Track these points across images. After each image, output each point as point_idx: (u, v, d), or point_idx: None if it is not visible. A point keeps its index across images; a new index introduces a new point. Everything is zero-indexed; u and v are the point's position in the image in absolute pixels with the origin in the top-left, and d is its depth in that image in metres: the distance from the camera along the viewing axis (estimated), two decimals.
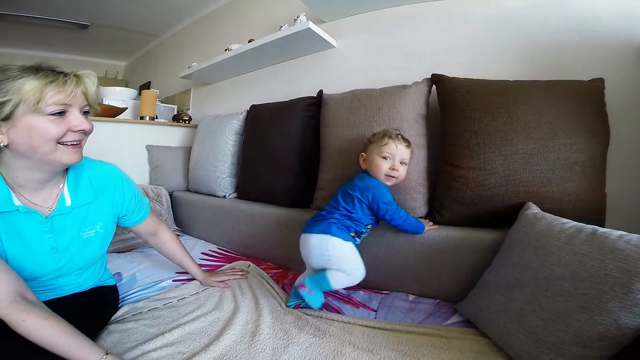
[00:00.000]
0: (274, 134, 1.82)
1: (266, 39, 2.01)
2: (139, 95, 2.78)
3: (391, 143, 1.20)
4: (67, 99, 0.81)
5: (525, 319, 0.85)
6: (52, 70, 0.82)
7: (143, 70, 4.33)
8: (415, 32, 1.74)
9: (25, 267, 0.88)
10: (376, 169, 1.20)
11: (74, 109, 0.84)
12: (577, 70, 1.27)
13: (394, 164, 1.19)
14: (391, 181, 1.21)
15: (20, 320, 0.72)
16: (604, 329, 0.70)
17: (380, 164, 1.20)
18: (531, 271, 0.88)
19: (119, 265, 1.50)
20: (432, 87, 1.42)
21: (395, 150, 1.19)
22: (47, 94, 0.77)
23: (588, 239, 0.80)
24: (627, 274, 0.70)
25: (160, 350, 0.91)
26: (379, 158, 1.20)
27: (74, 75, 0.84)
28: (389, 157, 1.19)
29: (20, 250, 0.88)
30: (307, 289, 1.11)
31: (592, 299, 0.73)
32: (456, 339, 0.97)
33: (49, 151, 0.81)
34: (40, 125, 0.78)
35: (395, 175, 1.20)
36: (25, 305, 0.75)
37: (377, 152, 1.21)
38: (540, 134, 1.12)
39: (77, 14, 3.35)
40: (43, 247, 0.92)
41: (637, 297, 0.68)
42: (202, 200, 2.15)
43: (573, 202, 1.10)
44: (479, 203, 1.19)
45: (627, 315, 0.69)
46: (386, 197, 1.18)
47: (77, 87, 0.83)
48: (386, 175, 1.20)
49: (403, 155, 1.21)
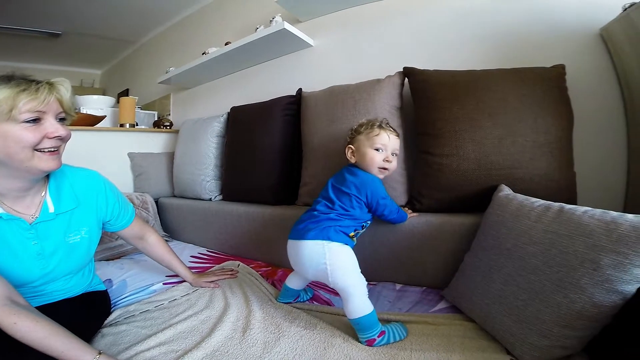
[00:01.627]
0: (255, 134, 1.83)
1: (243, 41, 2.03)
2: (117, 103, 2.75)
3: (383, 133, 1.14)
4: (40, 106, 0.81)
5: (505, 300, 0.87)
6: (24, 79, 0.83)
7: (120, 78, 4.27)
8: (388, 27, 1.78)
9: (13, 273, 0.89)
10: (370, 162, 1.14)
11: (49, 116, 0.85)
12: (540, 57, 1.32)
13: (387, 155, 1.14)
14: (384, 174, 1.16)
15: (12, 322, 0.73)
16: (581, 307, 0.72)
17: (374, 155, 1.13)
18: (506, 252, 0.91)
19: (109, 272, 1.51)
20: (404, 80, 1.47)
21: (387, 140, 1.14)
22: (20, 101, 0.78)
23: (556, 216, 0.83)
24: (593, 249, 0.72)
25: (153, 349, 0.92)
26: (371, 150, 1.14)
27: (46, 83, 0.85)
28: (382, 148, 1.13)
29: (7, 257, 0.88)
30: (376, 341, 0.91)
31: (565, 277, 0.75)
32: (443, 325, 0.99)
33: (26, 158, 0.82)
34: (15, 133, 0.79)
35: (388, 167, 1.14)
36: (17, 308, 0.76)
37: (368, 144, 1.15)
38: (507, 119, 1.17)
39: (48, 23, 3.29)
40: (29, 254, 0.92)
41: (606, 272, 0.69)
42: (188, 205, 2.16)
43: (543, 182, 1.15)
44: (455, 188, 1.23)
45: (600, 291, 0.70)
46: (383, 193, 1.14)
47: (50, 94, 0.84)
48: (379, 168, 1.14)
49: (395, 145, 1.16)
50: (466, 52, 1.55)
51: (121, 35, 3.66)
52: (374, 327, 0.92)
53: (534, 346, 0.77)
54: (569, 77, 1.24)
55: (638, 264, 0.67)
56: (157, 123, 2.82)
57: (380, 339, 0.90)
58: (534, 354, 0.77)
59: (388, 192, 1.35)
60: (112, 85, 4.49)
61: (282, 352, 0.90)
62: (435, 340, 0.91)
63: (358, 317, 0.91)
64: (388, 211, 1.15)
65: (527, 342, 0.78)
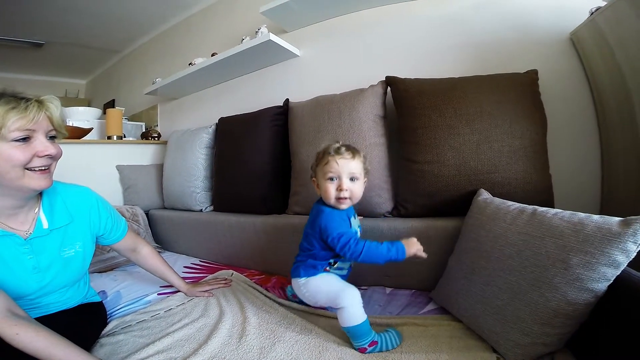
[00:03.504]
0: (244, 145, 1.86)
1: (229, 52, 2.06)
2: (104, 115, 2.72)
3: (331, 161, 1.06)
4: (29, 124, 0.82)
5: (487, 300, 0.91)
6: (14, 97, 0.83)
7: (106, 88, 4.23)
8: (371, 37, 1.83)
9: (9, 286, 0.89)
10: (324, 194, 1.07)
11: (39, 134, 0.85)
12: (515, 63, 1.38)
13: (340, 183, 1.05)
14: (345, 203, 1.06)
15: (14, 333, 0.75)
16: (556, 305, 0.75)
17: (327, 187, 1.06)
18: (485, 254, 0.95)
19: (103, 284, 1.52)
20: (387, 89, 1.51)
21: (337, 167, 1.05)
22: (9, 120, 0.78)
23: (529, 218, 0.88)
24: (563, 249, 0.76)
25: (152, 357, 0.94)
26: (324, 181, 1.07)
27: (35, 101, 0.85)
28: (334, 176, 1.06)
29: (4, 272, 0.90)
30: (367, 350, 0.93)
31: (539, 276, 0.79)
32: (432, 326, 1.03)
33: (17, 177, 0.82)
34: (4, 152, 0.79)
35: (346, 196, 1.05)
36: (17, 319, 0.77)
37: (322, 175, 1.08)
38: (484, 125, 1.22)
39: (31, 33, 3.24)
40: (25, 268, 0.93)
41: (576, 271, 0.73)
42: (179, 216, 2.16)
43: (521, 185, 1.20)
44: (437, 194, 1.28)
45: (573, 290, 0.73)
46: (335, 229, 1.02)
47: (39, 112, 0.84)
48: (337, 199, 1.06)
49: (350, 169, 1.05)
50: (445, 60, 1.60)
51: (106, 44, 3.62)
52: (365, 336, 0.93)
53: (517, 344, 0.81)
54: (542, 82, 1.30)
55: (604, 263, 0.71)
56: (145, 134, 2.81)
57: (372, 348, 0.92)
58: (517, 352, 0.81)
59: (373, 199, 1.40)
60: (97, 96, 4.44)
61: (278, 357, 0.92)
62: (424, 341, 0.95)
63: (348, 327, 0.94)
64: (348, 250, 0.99)
65: (510, 340, 0.83)
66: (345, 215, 1.09)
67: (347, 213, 1.11)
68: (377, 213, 1.44)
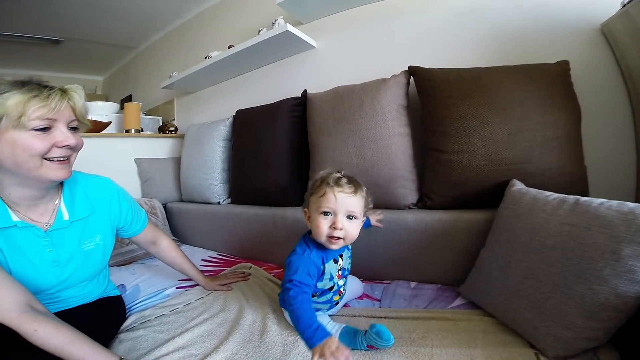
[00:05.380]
0: (262, 137, 1.84)
1: (246, 44, 2.03)
2: (121, 109, 2.76)
3: (328, 193, 0.92)
4: (50, 113, 0.79)
5: (525, 294, 0.86)
6: (38, 85, 0.81)
7: (122, 84, 4.27)
8: (390, 27, 1.79)
9: (29, 280, 0.88)
10: (315, 230, 0.95)
11: (60, 124, 0.83)
12: (543, 54, 1.33)
13: (335, 220, 0.92)
14: (337, 244, 0.94)
15: (33, 330, 0.73)
16: (605, 298, 0.71)
17: (319, 223, 0.93)
18: (523, 246, 0.91)
19: (121, 278, 1.51)
20: (409, 79, 1.47)
21: (334, 201, 0.91)
22: (30, 108, 0.76)
23: (572, 208, 0.83)
24: (613, 240, 0.71)
25: (172, 354, 0.92)
26: (317, 215, 0.94)
27: (59, 89, 0.83)
28: (329, 211, 0.93)
29: (23, 265, 0.88)
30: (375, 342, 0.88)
31: (586, 268, 0.74)
32: (463, 320, 0.99)
33: (34, 167, 0.80)
34: (23, 141, 0.77)
35: (339, 236, 0.92)
36: (36, 315, 0.75)
37: (315, 207, 0.95)
38: (515, 115, 1.18)
39: (49, 30, 3.27)
40: (45, 261, 0.91)
41: (628, 263, 0.69)
42: (196, 209, 2.16)
43: (555, 176, 1.15)
44: (466, 184, 1.23)
45: (623, 282, 0.69)
46: (292, 274, 0.91)
47: (61, 102, 0.82)
48: (328, 238, 0.93)
49: (349, 206, 0.93)
50: (468, 50, 1.55)
51: (122, 41, 3.65)
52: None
53: (558, 339, 0.77)
54: (572, 73, 1.25)
55: None
56: (162, 128, 2.82)
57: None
58: (558, 347, 0.77)
59: (398, 190, 1.36)
60: (114, 92, 4.49)
61: (302, 354, 0.89)
62: (456, 336, 0.91)
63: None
64: (286, 297, 0.89)
65: (551, 334, 0.78)
66: (320, 261, 0.96)
67: (328, 255, 0.99)
68: (402, 204, 1.40)
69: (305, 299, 0.88)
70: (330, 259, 1.00)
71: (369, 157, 1.41)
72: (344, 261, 1.06)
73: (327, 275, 0.98)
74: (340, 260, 1.04)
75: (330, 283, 0.99)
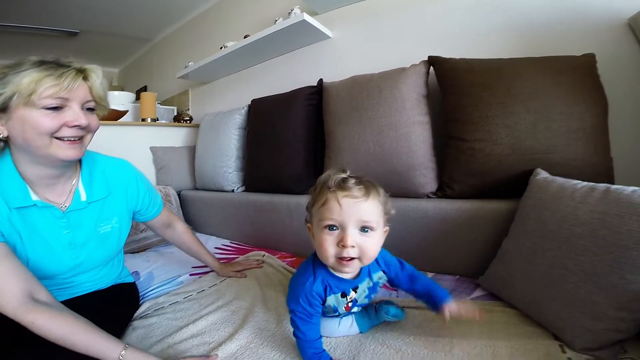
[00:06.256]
0: (277, 125, 1.83)
1: (262, 34, 2.03)
2: (137, 100, 2.80)
3: (331, 200, 0.71)
4: (62, 92, 0.78)
5: (553, 284, 0.83)
6: (57, 64, 0.80)
7: (137, 75, 4.31)
8: (406, 19, 1.76)
9: (45, 264, 0.87)
10: (319, 250, 0.75)
11: (73, 104, 0.81)
12: (567, 47, 1.29)
13: (343, 235, 0.70)
14: (351, 267, 0.74)
15: (30, 322, 0.71)
16: (638, 287, 0.69)
17: (323, 240, 0.72)
18: (551, 234, 0.87)
19: (135, 265, 1.51)
20: (429, 69, 1.45)
21: (339, 211, 0.70)
22: (42, 86, 0.75)
23: (602, 196, 0.80)
24: None
25: (186, 341, 0.91)
26: (319, 231, 0.73)
27: (74, 69, 0.81)
28: (335, 225, 0.71)
29: (40, 248, 0.86)
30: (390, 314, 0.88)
31: (619, 257, 0.72)
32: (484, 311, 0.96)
33: (43, 145, 0.78)
34: (33, 119, 0.76)
35: (351, 256, 0.70)
36: (34, 305, 0.73)
37: (316, 221, 0.75)
38: (540, 105, 1.15)
39: (66, 22, 3.31)
40: (61, 243, 0.90)
41: None
42: (210, 197, 2.17)
43: (580, 166, 1.12)
44: (488, 173, 1.20)
45: None
46: (292, 302, 0.81)
47: (74, 80, 0.79)
48: (338, 260, 0.72)
49: (361, 214, 0.70)
50: (488, 41, 1.51)
51: (138, 33, 3.67)
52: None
53: (587, 330, 0.74)
54: (599, 66, 1.22)
55: None
56: (177, 118, 2.85)
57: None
58: (586, 338, 0.74)
59: (417, 178, 1.34)
60: (129, 83, 4.53)
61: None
62: (477, 327, 0.88)
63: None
64: (293, 326, 0.79)
65: (579, 326, 0.75)
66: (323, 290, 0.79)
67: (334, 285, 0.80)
68: (421, 193, 1.37)
69: (309, 328, 0.78)
70: (337, 292, 0.81)
71: (387, 145, 1.39)
72: (360, 293, 0.85)
73: (328, 307, 0.83)
74: (353, 294, 0.83)
75: (332, 313, 0.87)
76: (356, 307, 0.88)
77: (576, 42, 1.31)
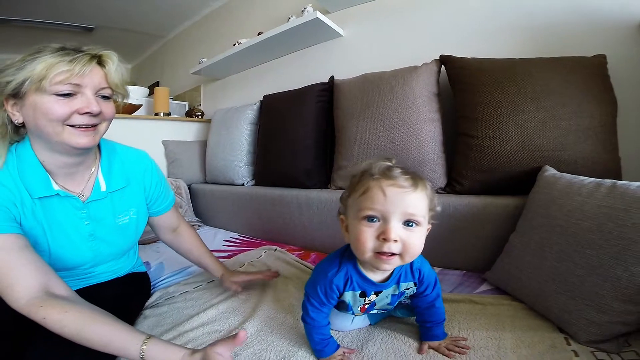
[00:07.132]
0: (289, 120, 1.85)
1: (275, 31, 2.05)
2: (150, 95, 2.85)
3: (374, 188, 0.64)
4: (74, 78, 0.74)
5: (560, 277, 0.84)
6: (74, 50, 0.77)
7: (150, 72, 4.36)
8: (417, 18, 1.77)
9: (67, 256, 0.86)
10: (355, 244, 0.68)
11: (86, 90, 0.77)
12: (578, 48, 1.30)
13: (386, 228, 0.63)
14: (391, 263, 0.65)
15: (42, 318, 0.67)
16: None
17: (360, 233, 0.65)
18: (558, 229, 0.88)
19: (146, 256, 1.53)
20: (440, 67, 1.46)
21: (382, 200, 0.63)
22: (53, 72, 0.72)
23: (609, 191, 0.81)
24: None
25: (196, 330, 0.92)
26: (357, 222, 0.66)
27: (87, 54, 0.77)
28: (376, 216, 0.64)
29: (61, 239, 0.84)
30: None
31: (624, 250, 0.72)
32: (490, 304, 0.97)
33: (55, 132, 0.76)
34: (43, 105, 0.73)
35: (393, 251, 0.63)
36: (44, 301, 0.69)
37: (354, 212, 0.67)
38: (550, 103, 1.16)
39: (82, 17, 3.37)
40: (82, 235, 0.88)
41: None
42: (221, 190, 2.19)
43: (588, 164, 1.13)
44: (496, 169, 1.21)
45: None
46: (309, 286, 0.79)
47: (87, 65, 0.76)
48: (376, 254, 0.64)
49: (407, 206, 0.63)
50: (500, 41, 1.52)
51: (152, 29, 3.72)
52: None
53: (592, 323, 0.75)
54: (609, 67, 1.23)
55: None
56: (189, 113, 2.90)
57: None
58: (591, 331, 0.75)
59: (427, 174, 1.35)
60: (142, 79, 4.57)
61: None
62: (484, 320, 0.89)
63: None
64: (303, 309, 0.79)
65: (584, 318, 0.76)
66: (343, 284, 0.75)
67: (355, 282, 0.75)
68: None
69: (318, 314, 0.77)
70: (357, 289, 0.76)
71: (398, 141, 1.41)
72: (382, 298, 0.79)
73: (343, 303, 0.79)
74: (373, 296, 0.77)
75: (346, 311, 0.82)
76: (374, 310, 0.83)
77: (587, 43, 1.31)
